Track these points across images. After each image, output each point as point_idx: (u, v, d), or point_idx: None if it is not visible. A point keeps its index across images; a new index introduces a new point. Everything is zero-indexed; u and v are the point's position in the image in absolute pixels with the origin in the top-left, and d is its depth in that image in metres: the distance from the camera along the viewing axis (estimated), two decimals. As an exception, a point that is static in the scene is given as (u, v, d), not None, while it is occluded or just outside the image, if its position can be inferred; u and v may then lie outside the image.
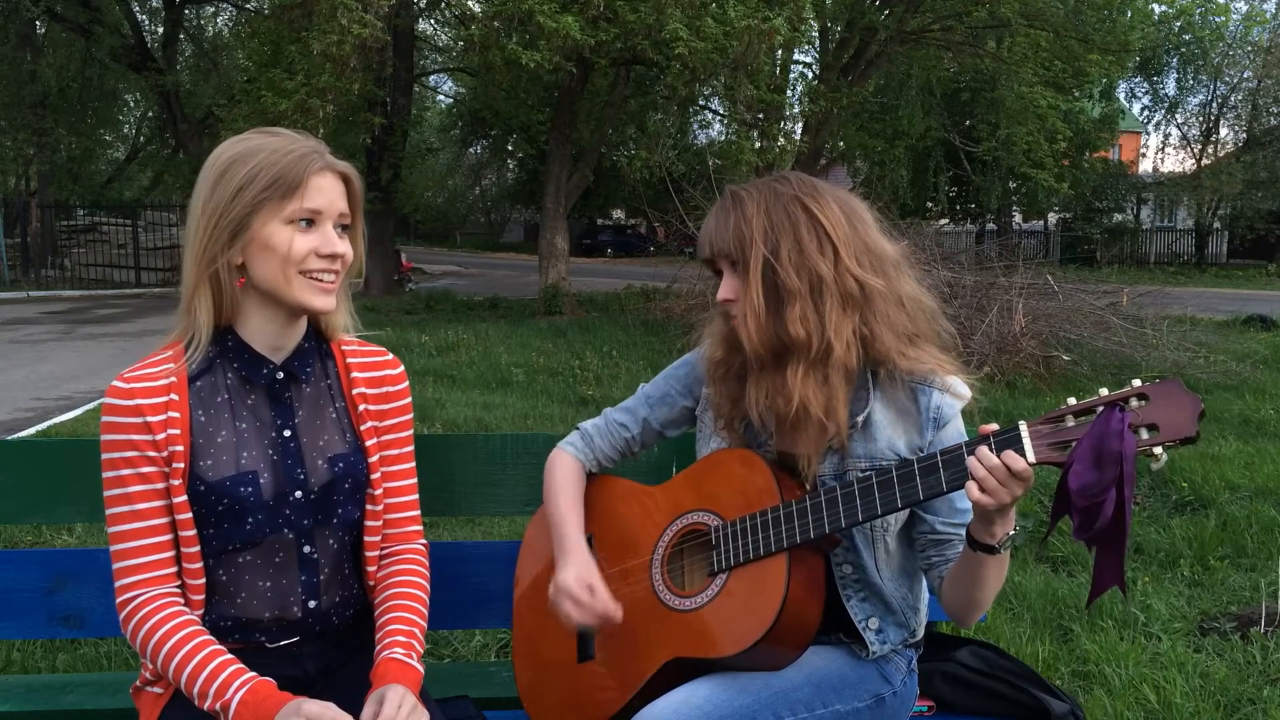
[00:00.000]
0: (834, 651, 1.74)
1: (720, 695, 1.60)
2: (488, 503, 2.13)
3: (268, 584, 1.61)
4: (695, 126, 26.21)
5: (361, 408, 1.69)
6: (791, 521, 1.61)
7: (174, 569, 1.57)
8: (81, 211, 26.09)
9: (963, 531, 1.67)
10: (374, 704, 1.50)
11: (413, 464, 1.78)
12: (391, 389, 1.74)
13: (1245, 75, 31.44)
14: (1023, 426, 1.48)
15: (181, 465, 1.54)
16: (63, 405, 8.46)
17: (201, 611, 1.58)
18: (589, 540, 1.85)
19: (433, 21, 22.28)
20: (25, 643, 3.21)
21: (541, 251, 16.14)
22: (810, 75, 20.28)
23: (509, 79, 16.38)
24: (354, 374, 1.71)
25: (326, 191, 1.56)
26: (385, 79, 16.69)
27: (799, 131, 17.94)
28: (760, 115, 15.34)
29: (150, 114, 28.77)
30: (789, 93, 19.29)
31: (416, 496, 1.78)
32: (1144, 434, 1.41)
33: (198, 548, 1.57)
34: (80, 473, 2.02)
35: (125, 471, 1.54)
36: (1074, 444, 1.43)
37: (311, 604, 1.63)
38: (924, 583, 1.80)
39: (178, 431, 1.54)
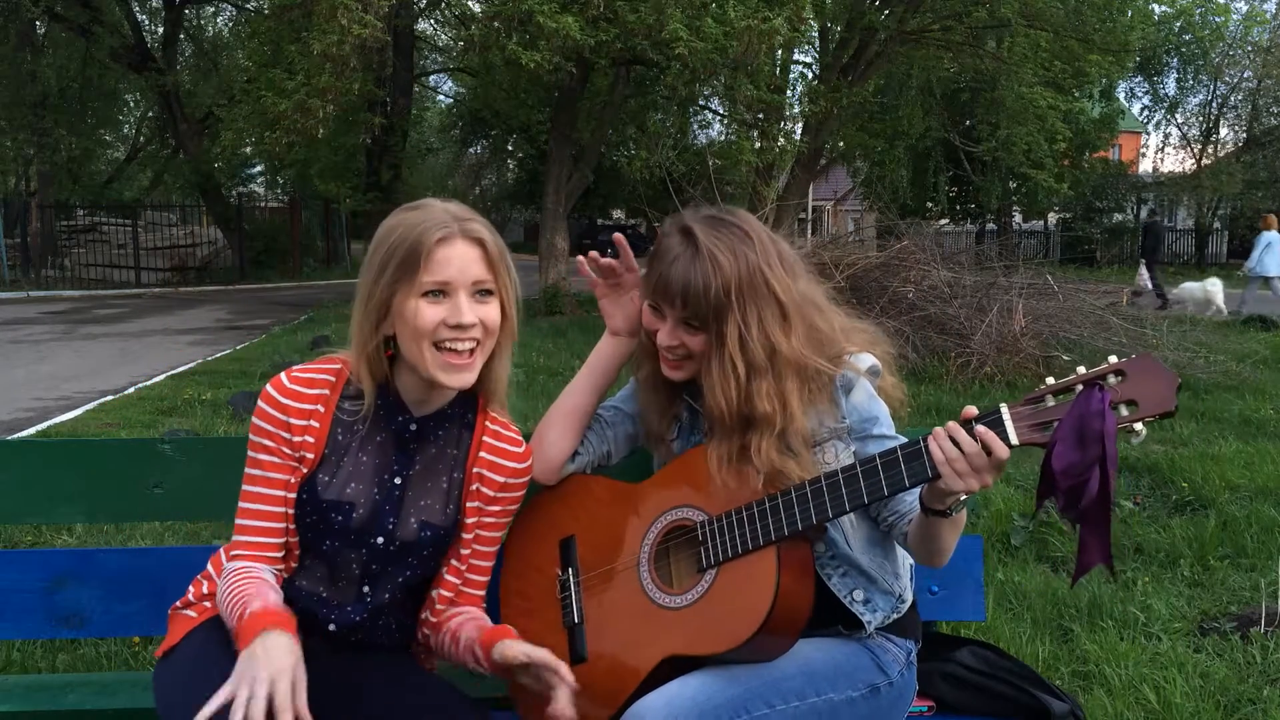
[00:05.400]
0: (829, 642, 1.75)
1: (712, 686, 1.61)
2: (488, 503, 2.13)
3: (322, 590, 1.68)
4: (695, 126, 26.14)
5: (475, 487, 1.74)
6: (778, 514, 1.63)
7: (280, 554, 1.65)
8: (81, 211, 26.08)
9: None
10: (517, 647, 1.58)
11: (500, 544, 1.84)
12: (514, 480, 1.78)
13: (1245, 75, 31.40)
14: (1004, 409, 1.50)
15: (306, 470, 1.64)
16: (63, 405, 8.44)
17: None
18: (571, 540, 1.86)
19: (433, 21, 22.24)
20: (25, 643, 3.21)
21: (541, 251, 16.13)
22: (810, 75, 20.22)
23: (509, 79, 16.36)
24: (483, 453, 1.74)
25: (455, 260, 1.59)
26: (385, 79, 16.65)
27: (799, 131, 17.90)
28: (760, 115, 15.29)
29: (150, 114, 28.73)
30: (789, 93, 19.24)
31: (489, 577, 1.83)
32: (1124, 410, 1.43)
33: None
34: (80, 473, 2.03)
35: (263, 456, 1.64)
36: (1055, 424, 1.45)
37: (334, 628, 1.70)
38: (899, 550, 1.81)
39: (313, 440, 1.64)
